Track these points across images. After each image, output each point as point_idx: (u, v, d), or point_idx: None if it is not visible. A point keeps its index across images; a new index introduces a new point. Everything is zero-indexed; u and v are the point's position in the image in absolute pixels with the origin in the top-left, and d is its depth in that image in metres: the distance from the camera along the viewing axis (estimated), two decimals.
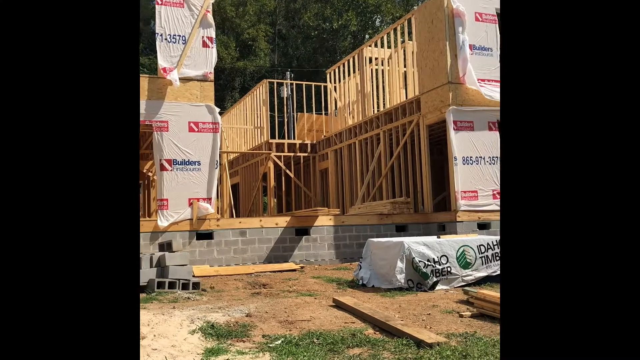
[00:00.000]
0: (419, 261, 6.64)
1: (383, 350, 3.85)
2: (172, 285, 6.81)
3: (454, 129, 10.03)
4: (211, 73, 10.01)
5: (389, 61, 13.54)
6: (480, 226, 9.97)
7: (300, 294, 6.51)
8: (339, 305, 5.55)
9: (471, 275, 6.89)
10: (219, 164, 10.09)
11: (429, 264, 6.66)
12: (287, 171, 15.14)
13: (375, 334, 4.37)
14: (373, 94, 13.83)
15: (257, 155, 15.78)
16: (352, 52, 14.79)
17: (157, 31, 9.67)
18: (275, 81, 16.53)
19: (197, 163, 9.64)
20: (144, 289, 6.79)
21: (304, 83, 18.06)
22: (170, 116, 9.57)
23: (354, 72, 14.53)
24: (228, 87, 34.51)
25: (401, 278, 6.64)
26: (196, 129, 9.74)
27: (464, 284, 6.76)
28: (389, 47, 13.58)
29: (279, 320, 4.90)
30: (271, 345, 4.01)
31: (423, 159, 11.01)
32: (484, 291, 5.40)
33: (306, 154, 15.76)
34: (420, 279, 6.67)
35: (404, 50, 13.26)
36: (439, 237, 7.39)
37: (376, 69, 13.97)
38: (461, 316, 5.01)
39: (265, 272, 8.78)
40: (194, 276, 7.46)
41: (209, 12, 10.05)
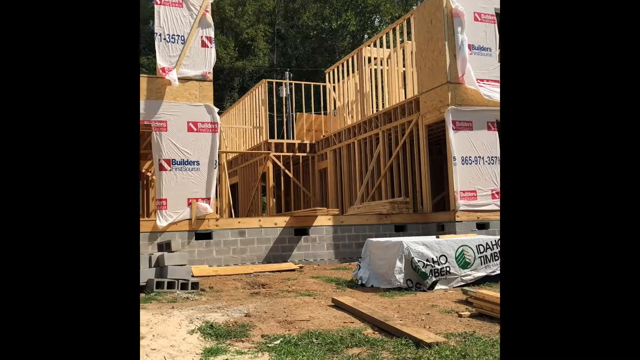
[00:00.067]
0: (418, 261, 6.64)
1: (382, 350, 3.85)
2: (171, 285, 6.81)
3: (452, 129, 10.03)
4: (210, 73, 10.01)
5: (388, 61, 13.54)
6: (479, 226, 9.98)
7: (299, 294, 6.51)
8: (338, 305, 5.55)
9: (470, 275, 6.89)
10: (217, 163, 10.09)
11: (428, 263, 6.66)
12: (286, 171, 15.14)
13: (374, 333, 4.37)
14: (372, 93, 13.82)
15: (256, 155, 15.77)
16: (351, 52, 14.78)
17: (156, 31, 9.66)
18: (274, 81, 16.52)
19: (196, 163, 9.64)
20: (142, 289, 6.78)
21: (303, 83, 18.09)
22: (169, 116, 9.57)
23: (353, 72, 14.53)
24: (227, 87, 34.51)
25: (400, 278, 6.65)
26: (195, 129, 9.73)
27: (462, 283, 6.76)
28: (388, 47, 13.58)
29: (278, 320, 4.90)
30: (270, 345, 4.01)
31: (422, 158, 11.01)
32: (482, 291, 5.41)
33: (305, 154, 15.76)
34: (419, 278, 6.68)
35: (403, 50, 13.27)
36: (438, 237, 7.39)
37: (375, 69, 13.97)
38: (460, 316, 5.01)
39: (264, 272, 8.78)
40: (193, 276, 7.45)
41: (207, 11, 10.04)
